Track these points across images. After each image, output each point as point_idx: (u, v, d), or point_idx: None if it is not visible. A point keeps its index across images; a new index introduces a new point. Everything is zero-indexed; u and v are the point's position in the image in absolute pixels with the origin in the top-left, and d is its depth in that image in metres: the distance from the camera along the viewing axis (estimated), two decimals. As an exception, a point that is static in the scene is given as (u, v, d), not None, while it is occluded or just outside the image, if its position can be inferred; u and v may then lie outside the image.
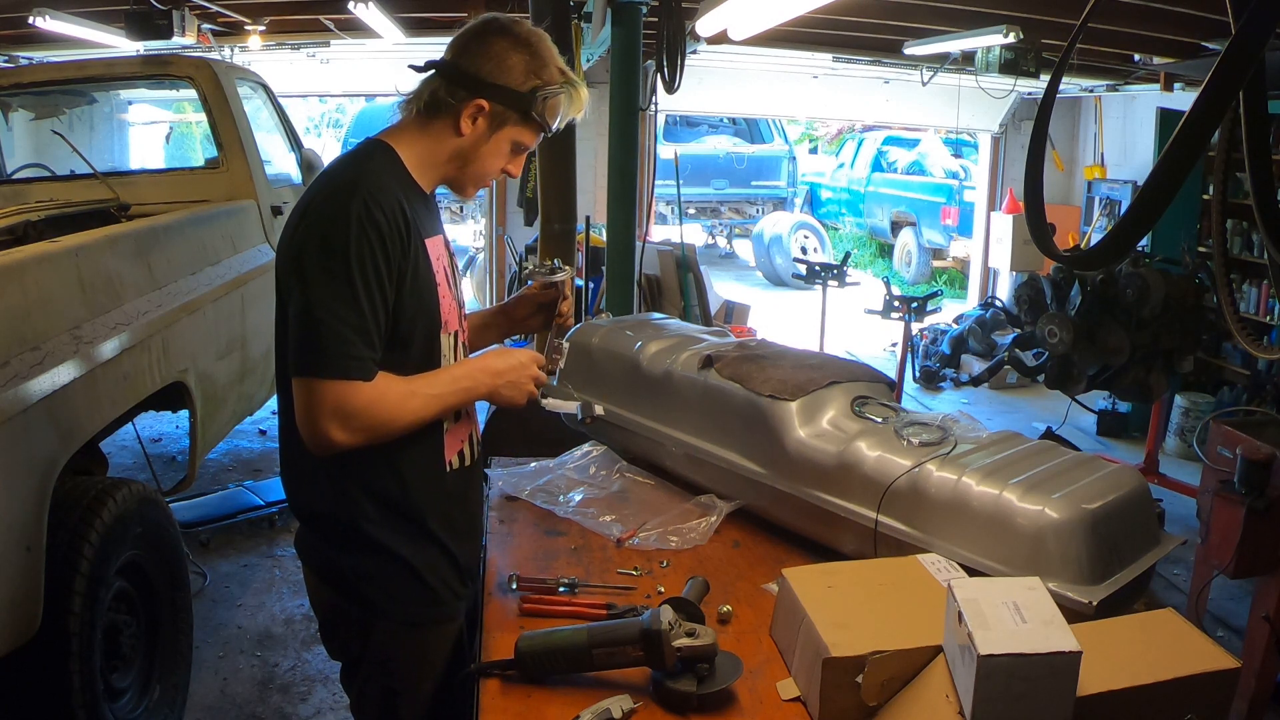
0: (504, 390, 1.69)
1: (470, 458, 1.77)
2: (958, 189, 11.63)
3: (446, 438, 1.70)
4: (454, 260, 1.78)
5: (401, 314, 1.58)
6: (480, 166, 1.69)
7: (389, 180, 1.60)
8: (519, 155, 1.72)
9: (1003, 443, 1.89)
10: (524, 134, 1.67)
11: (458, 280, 1.79)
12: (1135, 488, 1.74)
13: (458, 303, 1.74)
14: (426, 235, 1.64)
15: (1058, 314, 4.82)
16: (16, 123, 4.93)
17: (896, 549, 1.75)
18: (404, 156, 1.65)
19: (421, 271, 1.61)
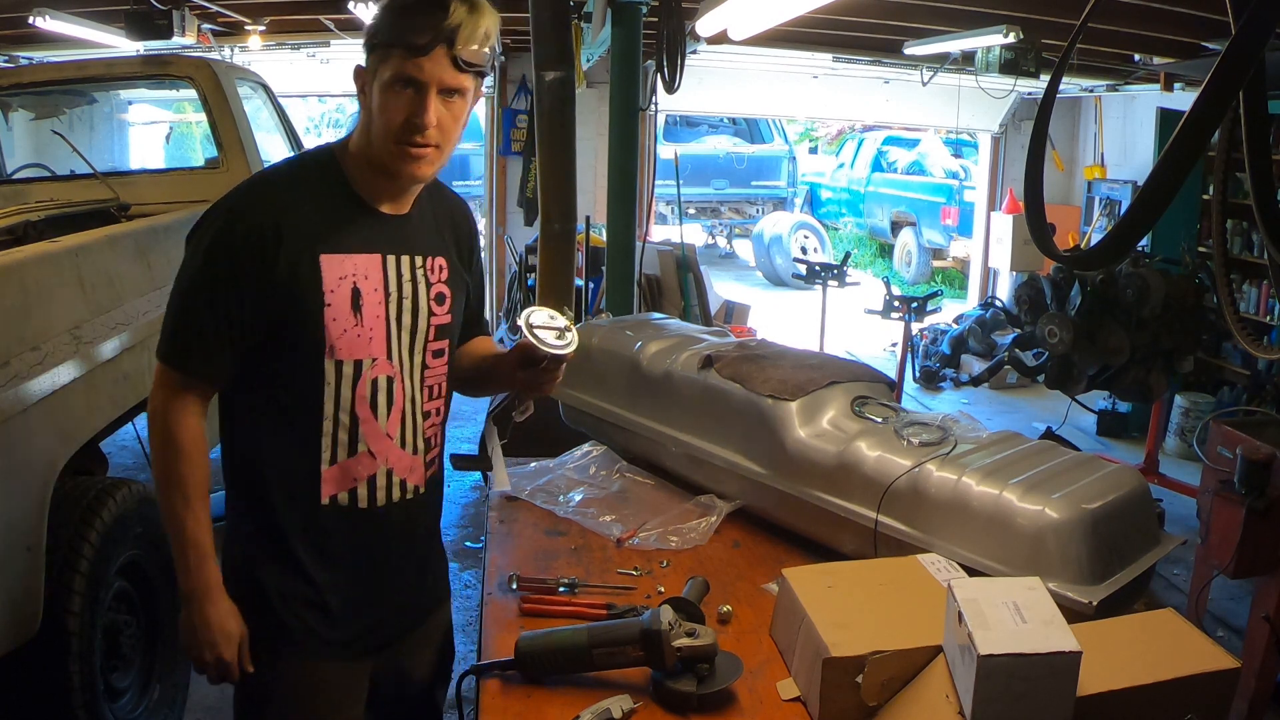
0: (190, 632, 1.54)
1: (374, 500, 1.58)
2: (958, 189, 11.63)
3: (326, 472, 1.55)
4: (414, 286, 1.59)
5: (255, 329, 1.49)
6: (381, 121, 1.50)
7: (291, 189, 1.53)
8: (409, 92, 1.47)
9: (1003, 443, 1.90)
10: (388, 63, 1.47)
11: (416, 307, 1.59)
12: (1135, 488, 1.74)
13: (391, 331, 1.56)
14: (333, 250, 1.51)
15: (1058, 314, 4.82)
16: (16, 123, 4.92)
17: (896, 549, 1.75)
18: (349, 164, 1.56)
19: (301, 288, 1.48)
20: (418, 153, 1.50)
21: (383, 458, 1.58)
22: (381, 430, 1.57)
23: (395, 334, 1.56)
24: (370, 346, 1.54)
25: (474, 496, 5.05)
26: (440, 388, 1.66)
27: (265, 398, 1.55)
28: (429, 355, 1.62)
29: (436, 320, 1.62)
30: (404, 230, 1.60)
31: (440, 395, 1.66)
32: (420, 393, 1.61)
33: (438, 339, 1.63)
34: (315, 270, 1.49)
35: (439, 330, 1.63)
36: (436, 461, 1.69)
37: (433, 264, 1.63)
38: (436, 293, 1.62)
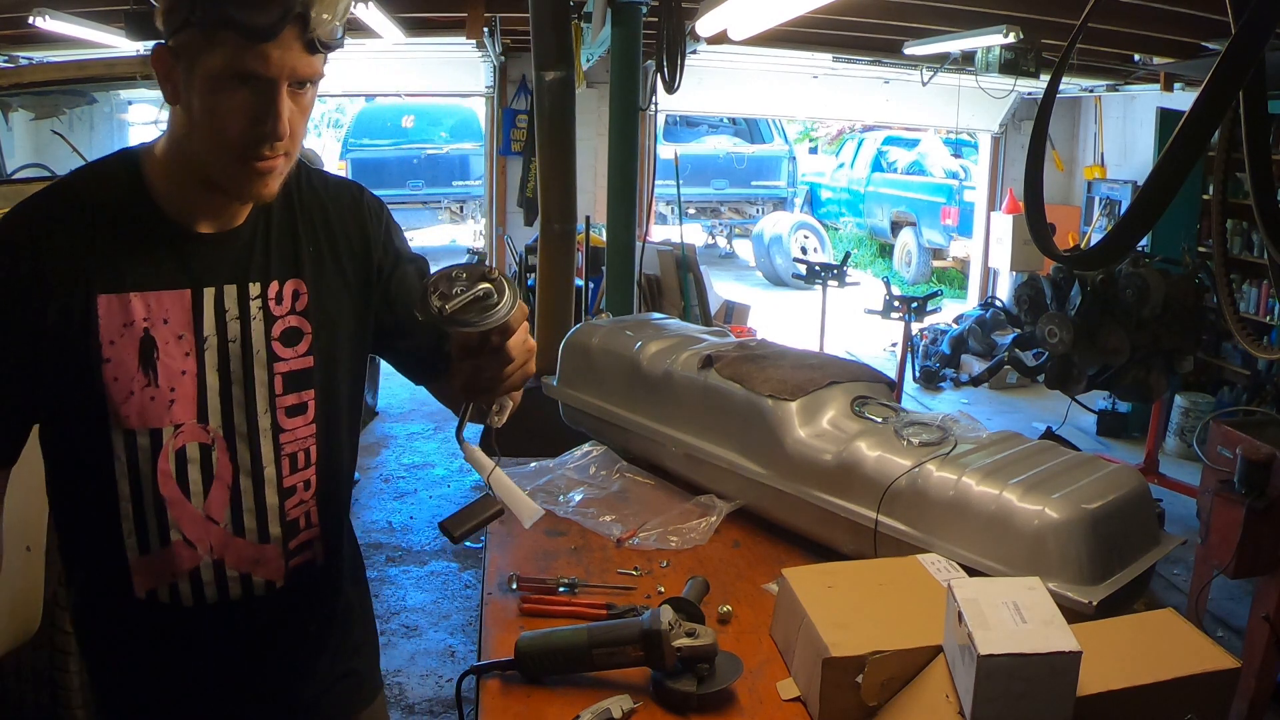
0: None
1: (202, 598, 1.26)
2: (958, 189, 11.63)
3: (136, 562, 1.23)
4: (243, 325, 1.23)
5: (28, 395, 1.18)
6: (207, 128, 1.12)
7: (65, 212, 1.17)
8: (246, 90, 1.10)
9: (1003, 443, 1.89)
10: (214, 49, 1.08)
11: (248, 352, 1.23)
12: (1135, 488, 1.74)
13: (206, 387, 1.21)
14: (115, 289, 1.16)
15: (1058, 314, 4.82)
16: (16, 123, 4.93)
17: (896, 549, 1.75)
18: (155, 172, 1.20)
19: (72, 341, 1.15)
20: (266, 167, 1.15)
21: (205, 547, 1.24)
22: (199, 513, 1.23)
23: (214, 390, 1.21)
24: (172, 410, 1.19)
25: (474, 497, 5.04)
26: (310, 454, 1.29)
27: (60, 474, 1.27)
28: (280, 414, 1.25)
29: (284, 366, 1.25)
30: (230, 252, 1.23)
31: (311, 463, 1.29)
32: (269, 463, 1.25)
33: (291, 390, 1.26)
34: (89, 316, 1.14)
35: (290, 379, 1.26)
36: (315, 547, 1.34)
37: (278, 290, 1.25)
38: (284, 329, 1.25)
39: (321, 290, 1.29)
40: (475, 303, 1.16)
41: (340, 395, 1.33)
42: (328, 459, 1.32)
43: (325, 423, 1.31)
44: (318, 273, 1.29)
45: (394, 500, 5.05)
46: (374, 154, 11.93)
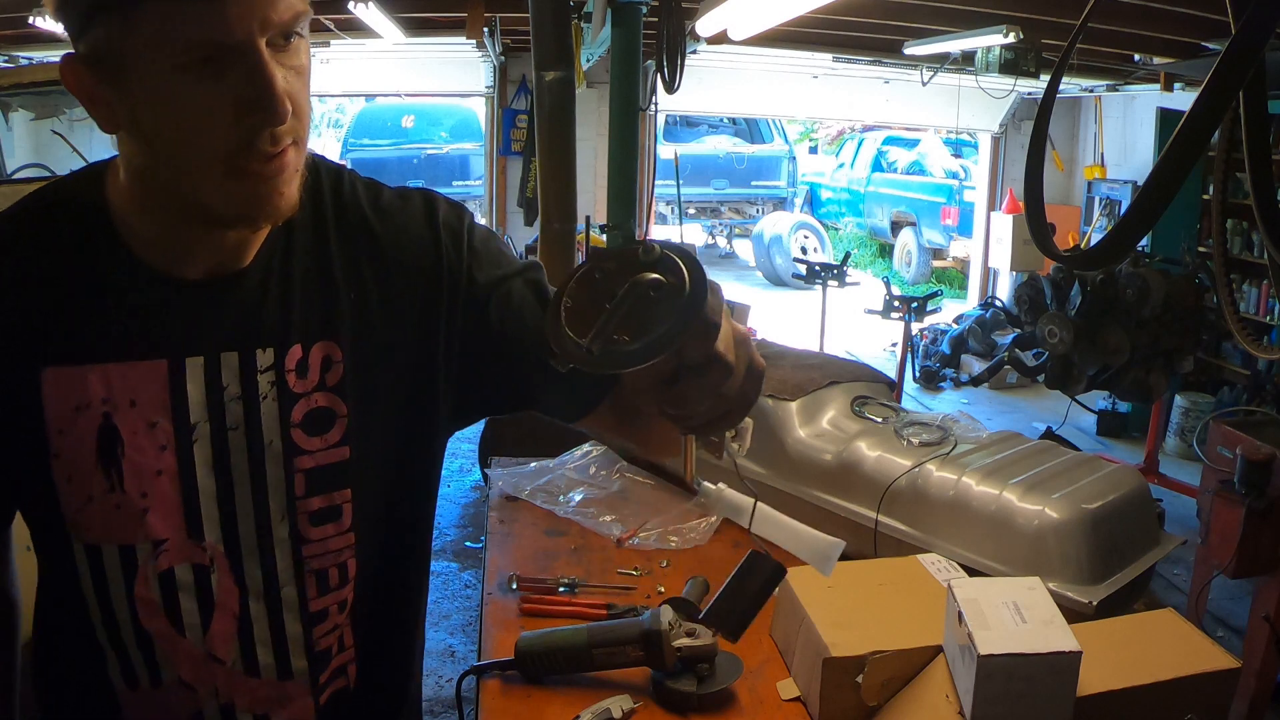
0: None
1: None
2: (958, 189, 11.63)
3: (127, 697, 0.95)
4: (248, 407, 0.90)
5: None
6: (172, 147, 0.80)
7: (6, 260, 0.87)
8: (215, 70, 0.77)
9: (1003, 443, 1.90)
10: (143, 29, 0.75)
11: (254, 445, 0.90)
12: (1135, 488, 1.75)
13: (199, 492, 0.89)
14: (66, 360, 0.86)
15: (1058, 314, 4.82)
16: (16, 123, 4.93)
17: (896, 549, 1.75)
18: (122, 200, 0.88)
19: (12, 428, 0.87)
20: (273, 168, 0.81)
21: (208, 689, 0.95)
22: (198, 651, 0.93)
23: (209, 495, 0.89)
24: (146, 523, 0.88)
25: (474, 496, 5.05)
26: (347, 570, 0.96)
27: (41, 573, 1.02)
28: (302, 521, 0.92)
29: (309, 461, 0.92)
30: (229, 305, 0.89)
31: (348, 579, 0.97)
32: (289, 583, 0.94)
33: (317, 491, 0.92)
34: (33, 397, 0.86)
35: (316, 478, 0.92)
36: (358, 674, 1.02)
37: (301, 358, 0.91)
38: (309, 412, 0.91)
39: (366, 355, 0.93)
40: (638, 313, 0.73)
41: (393, 491, 0.99)
42: (374, 574, 0.98)
43: (369, 529, 0.96)
44: (361, 329, 0.93)
45: (394, 500, 5.04)
46: (374, 154, 11.92)
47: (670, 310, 0.74)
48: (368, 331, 0.94)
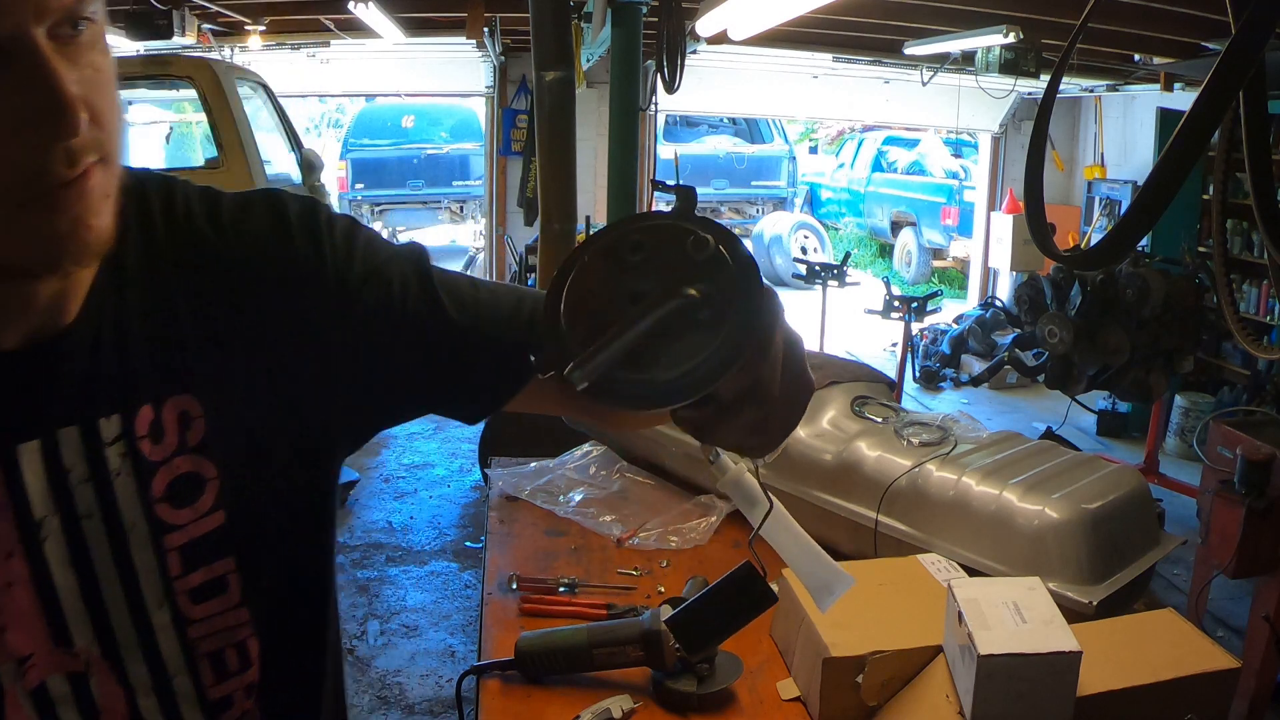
0: None
1: None
2: (958, 189, 11.63)
3: None
4: (100, 489, 0.74)
5: None
6: None
7: None
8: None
9: (1003, 443, 1.90)
10: None
11: (117, 531, 0.75)
12: (1135, 488, 1.74)
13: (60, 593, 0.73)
14: None
15: (1058, 314, 4.82)
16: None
17: (896, 549, 1.75)
18: None
19: None
20: (74, 194, 0.65)
21: None
22: None
23: (72, 594, 0.75)
24: (5, 641, 0.73)
25: (474, 496, 5.05)
26: (247, 650, 0.82)
27: None
28: (184, 602, 0.78)
29: (180, 537, 0.77)
30: (58, 374, 0.73)
31: (251, 662, 0.82)
32: (180, 672, 0.79)
33: (193, 568, 0.78)
34: None
35: (191, 553, 0.77)
36: None
37: (153, 420, 0.76)
38: (171, 481, 0.76)
39: (230, 402, 0.78)
40: (672, 329, 0.59)
41: (286, 550, 0.85)
42: (281, 652, 0.84)
43: (264, 601, 0.82)
44: (220, 374, 0.78)
45: (394, 500, 5.05)
46: (374, 154, 11.93)
47: (714, 333, 0.59)
48: (227, 375, 0.78)
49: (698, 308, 0.59)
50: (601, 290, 0.62)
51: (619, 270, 0.62)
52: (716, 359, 0.59)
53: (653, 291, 0.60)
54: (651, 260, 0.62)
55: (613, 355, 0.58)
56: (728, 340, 0.59)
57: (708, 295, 0.60)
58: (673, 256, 0.62)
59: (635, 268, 0.62)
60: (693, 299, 0.59)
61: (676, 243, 0.63)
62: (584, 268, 0.63)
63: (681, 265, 0.61)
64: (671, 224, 0.64)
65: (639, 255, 0.62)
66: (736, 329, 0.59)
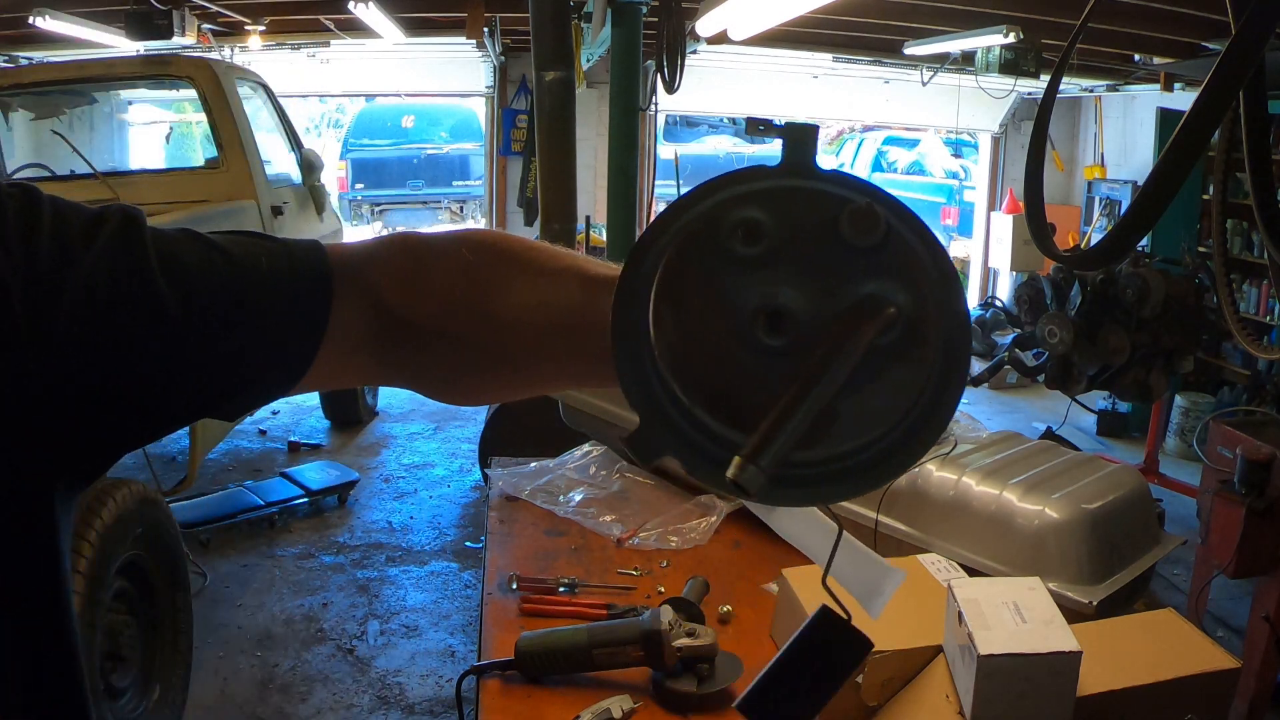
0: None
1: None
2: (958, 189, 11.63)
3: None
4: None
5: None
6: None
7: None
8: None
9: (1003, 443, 1.90)
10: None
11: None
12: (1135, 488, 1.74)
13: None
14: None
15: (1058, 314, 4.82)
16: (16, 123, 4.93)
17: (896, 549, 1.75)
18: None
19: None
20: None
21: None
22: None
23: None
24: None
25: (474, 496, 5.05)
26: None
27: None
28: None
29: None
30: None
31: None
32: None
33: None
34: None
35: None
36: None
37: None
38: None
39: None
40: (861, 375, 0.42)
41: (14, 631, 0.65)
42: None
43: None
44: None
45: (394, 500, 5.05)
46: (374, 154, 11.93)
47: (918, 365, 0.41)
48: None
49: (891, 328, 0.40)
50: (705, 308, 0.41)
51: (729, 270, 0.41)
52: (937, 405, 0.40)
53: (800, 305, 0.41)
54: (784, 251, 0.41)
55: (795, 433, 0.38)
56: (945, 372, 0.40)
57: (902, 307, 0.41)
58: (816, 240, 0.41)
59: (757, 265, 0.41)
60: (892, 317, 0.40)
61: (819, 218, 0.41)
62: (671, 272, 0.42)
63: (834, 256, 0.41)
64: (805, 186, 0.42)
65: (758, 245, 0.41)
66: (951, 352, 0.40)
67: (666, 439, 0.41)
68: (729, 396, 0.40)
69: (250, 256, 0.68)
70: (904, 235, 0.41)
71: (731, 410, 0.40)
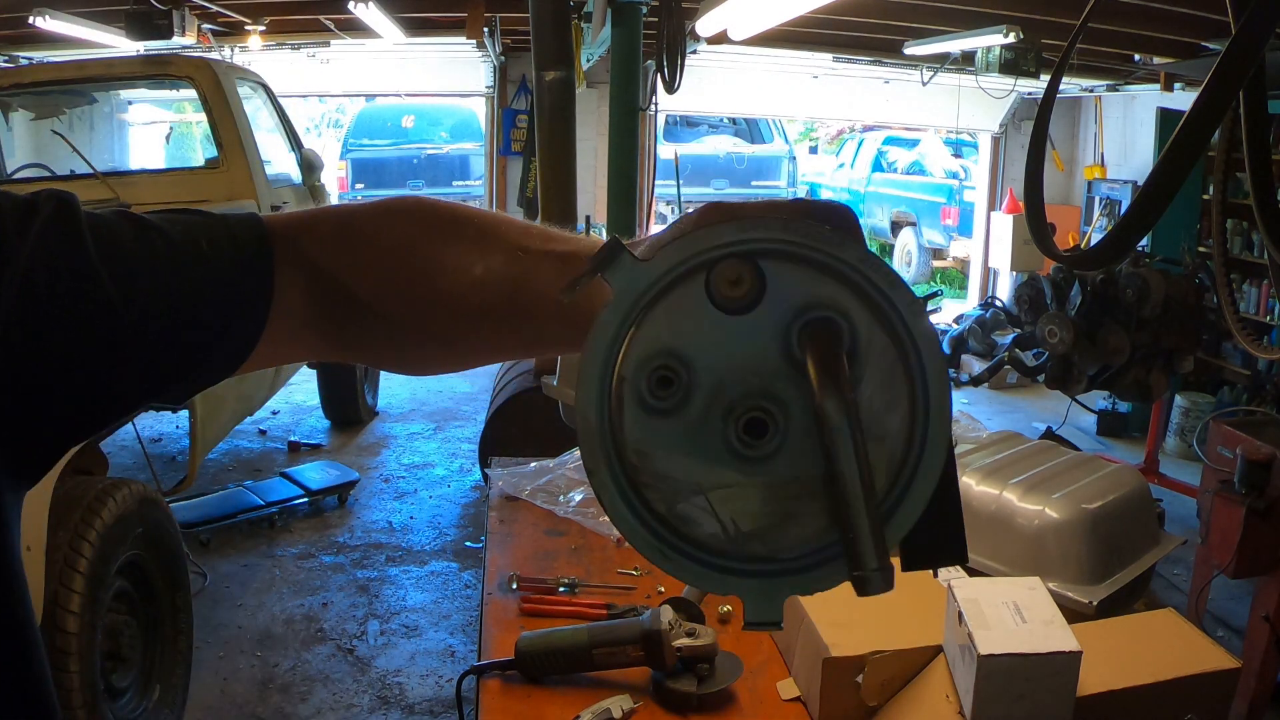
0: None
1: None
2: (958, 189, 11.63)
3: None
4: None
5: None
6: None
7: None
8: None
9: (1003, 443, 1.90)
10: None
11: None
12: (1135, 488, 1.75)
13: None
14: None
15: (1058, 314, 4.82)
16: (16, 123, 4.93)
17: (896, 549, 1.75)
18: None
19: None
20: None
21: None
22: None
23: None
24: None
25: (474, 496, 5.05)
26: None
27: None
28: None
29: None
30: None
31: None
32: None
33: None
34: None
35: None
36: None
37: None
38: None
39: None
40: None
41: None
42: None
43: None
44: None
45: (394, 500, 5.05)
46: (374, 154, 11.93)
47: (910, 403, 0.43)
48: None
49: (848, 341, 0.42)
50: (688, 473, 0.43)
51: (674, 425, 0.43)
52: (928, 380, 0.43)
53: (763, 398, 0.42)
54: (706, 369, 0.43)
55: (873, 516, 0.40)
56: (932, 414, 0.43)
57: (835, 307, 0.42)
58: (714, 332, 0.43)
59: (690, 399, 0.43)
60: (838, 330, 0.42)
61: (698, 310, 0.43)
62: (638, 469, 0.44)
63: (746, 326, 0.42)
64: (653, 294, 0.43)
65: (674, 385, 0.43)
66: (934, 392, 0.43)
67: (776, 590, 0.43)
68: (766, 524, 0.42)
69: (189, 236, 0.67)
70: (777, 250, 0.42)
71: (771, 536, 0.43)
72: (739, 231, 0.41)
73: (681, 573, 0.43)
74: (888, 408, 0.42)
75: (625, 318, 0.42)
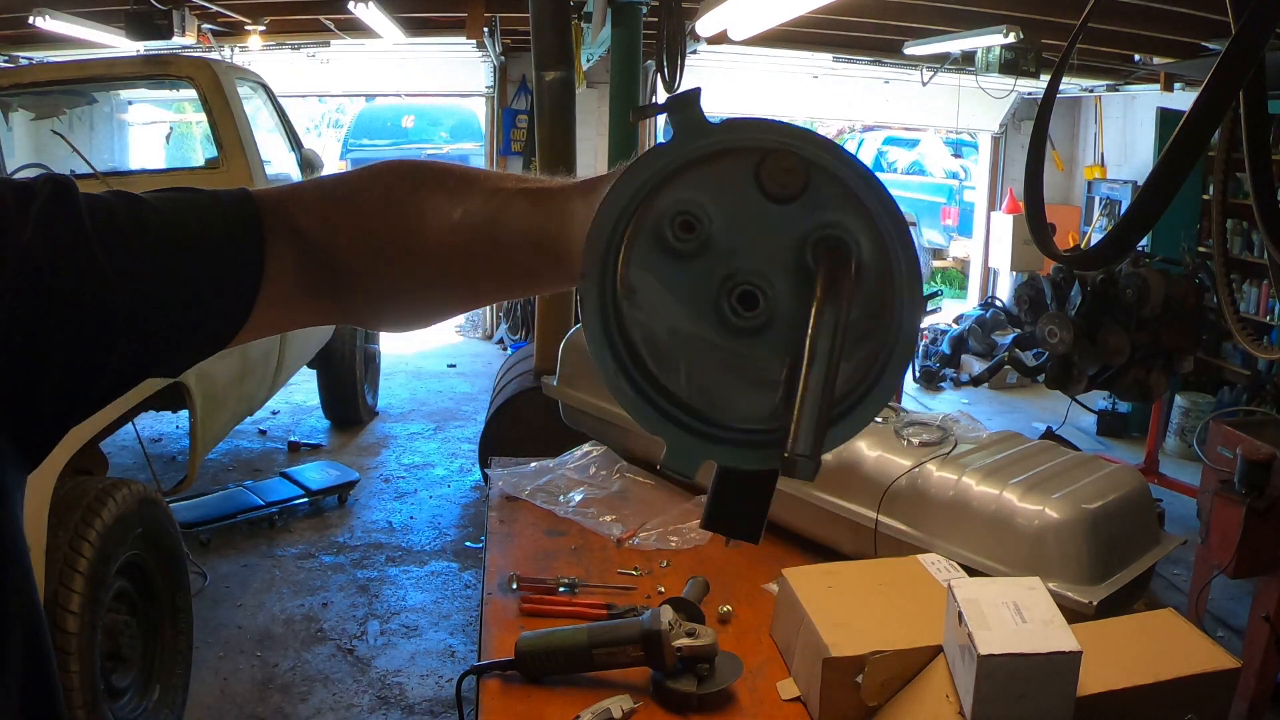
0: None
1: None
2: (958, 189, 11.63)
3: None
4: None
5: None
6: None
7: None
8: None
9: (1003, 443, 1.90)
10: None
11: None
12: (1135, 488, 1.74)
13: None
14: None
15: (1058, 314, 4.81)
16: (16, 123, 4.93)
17: (896, 549, 1.75)
18: None
19: None
20: None
21: None
22: None
23: None
24: None
25: (474, 496, 5.05)
26: None
27: None
28: None
29: None
30: None
31: None
32: None
33: None
34: None
35: None
36: None
37: None
38: None
39: None
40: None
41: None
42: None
43: None
44: None
45: (394, 500, 5.05)
46: (374, 154, 11.94)
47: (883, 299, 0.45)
48: None
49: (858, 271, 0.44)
50: (671, 315, 0.44)
51: (679, 268, 0.44)
52: (905, 325, 0.45)
53: (763, 279, 0.44)
54: (724, 228, 0.44)
55: (826, 414, 0.42)
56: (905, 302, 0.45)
57: (855, 237, 0.44)
58: (749, 205, 0.44)
59: (703, 252, 0.44)
60: (851, 256, 0.44)
61: (741, 180, 0.44)
62: (629, 293, 0.45)
63: (773, 213, 0.44)
64: (711, 148, 0.45)
65: (696, 233, 0.44)
66: (907, 281, 0.44)
67: (701, 449, 0.46)
68: (720, 387, 0.45)
69: (181, 212, 0.70)
70: (828, 167, 0.44)
71: (721, 399, 0.45)
72: (804, 138, 0.45)
73: (624, 397, 0.46)
74: (859, 341, 0.44)
75: (679, 156, 0.46)
